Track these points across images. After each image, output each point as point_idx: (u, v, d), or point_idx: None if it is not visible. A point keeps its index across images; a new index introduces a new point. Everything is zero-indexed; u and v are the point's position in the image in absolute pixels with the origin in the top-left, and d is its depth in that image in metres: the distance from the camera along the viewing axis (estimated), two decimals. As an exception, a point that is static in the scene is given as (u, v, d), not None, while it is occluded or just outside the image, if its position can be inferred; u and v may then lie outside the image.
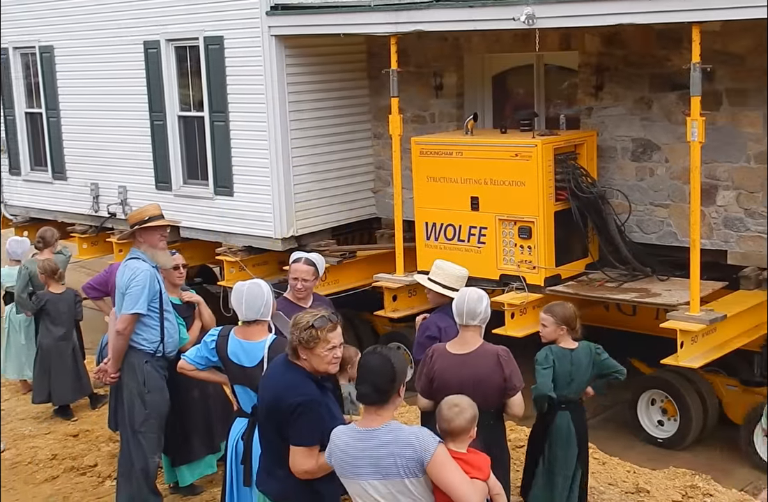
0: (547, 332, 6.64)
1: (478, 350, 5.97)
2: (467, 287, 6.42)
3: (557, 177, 9.13)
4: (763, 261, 8.93)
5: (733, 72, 8.79)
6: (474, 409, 4.99)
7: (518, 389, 5.94)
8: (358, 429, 4.61)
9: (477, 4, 8.88)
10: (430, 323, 6.80)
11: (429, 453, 4.43)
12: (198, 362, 6.23)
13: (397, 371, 4.57)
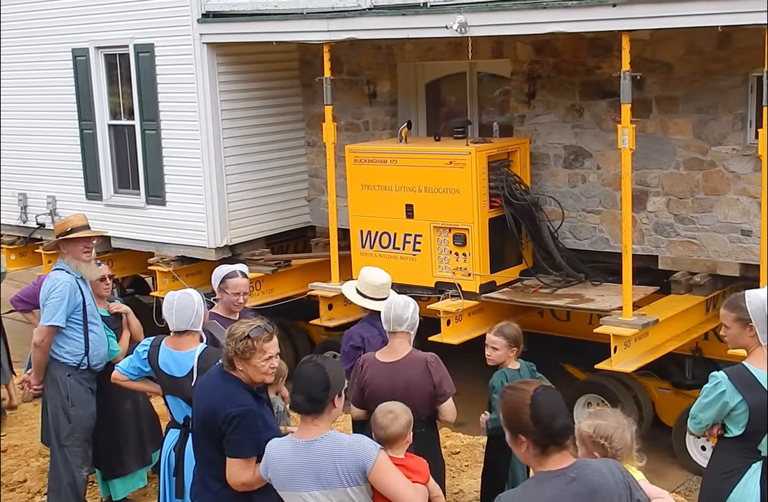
0: (498, 355, 6.52)
1: (407, 358, 5.97)
2: (397, 294, 6.42)
3: (491, 184, 9.18)
4: (694, 266, 9.06)
5: (662, 80, 8.93)
6: (408, 414, 5.00)
7: (449, 395, 5.94)
8: (295, 441, 4.56)
9: (410, 13, 8.91)
10: (354, 332, 6.82)
11: (371, 461, 4.40)
12: (131, 372, 6.17)
13: (332, 380, 4.52)
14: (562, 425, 3.66)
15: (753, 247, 8.58)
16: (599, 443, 4.27)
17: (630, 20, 7.76)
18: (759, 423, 4.87)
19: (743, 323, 4.91)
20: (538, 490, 3.63)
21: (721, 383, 4.87)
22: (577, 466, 3.70)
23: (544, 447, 3.66)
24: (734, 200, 8.75)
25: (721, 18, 7.36)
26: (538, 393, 3.69)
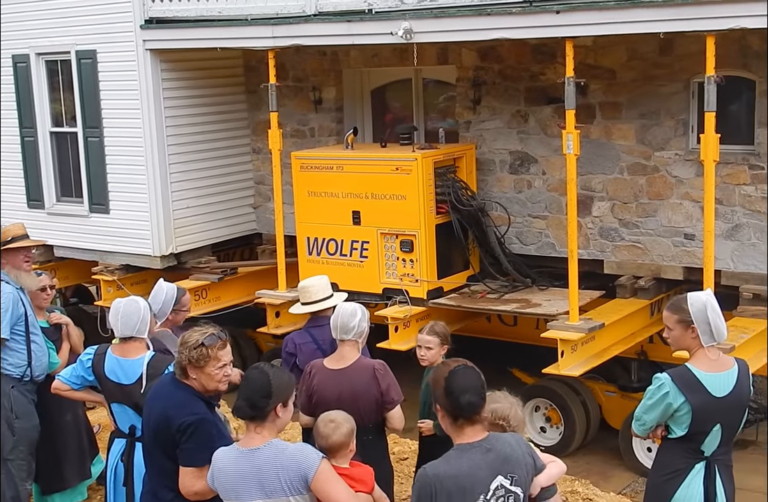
0: (433, 354, 6.50)
1: (355, 365, 5.96)
2: (346, 302, 6.41)
3: (437, 190, 9.20)
4: (638, 270, 9.16)
5: (605, 86, 9.02)
6: (351, 423, 4.98)
7: (396, 402, 5.93)
8: (239, 449, 4.52)
9: (355, 19, 8.91)
10: (288, 339, 6.87)
11: (312, 470, 4.38)
12: (73, 381, 6.07)
13: (274, 388, 4.48)
14: (466, 401, 4.11)
15: (696, 250, 8.69)
16: (498, 424, 4.66)
17: (573, 27, 7.84)
18: (701, 424, 4.92)
19: (685, 325, 4.97)
20: (460, 460, 4.11)
21: (664, 384, 4.92)
22: (491, 439, 4.20)
23: (454, 418, 4.16)
24: (677, 205, 8.86)
25: (663, 25, 7.47)
26: (455, 370, 4.20)
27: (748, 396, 5.11)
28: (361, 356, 6.05)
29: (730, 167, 8.50)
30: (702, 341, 4.96)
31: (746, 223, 8.57)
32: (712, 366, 4.96)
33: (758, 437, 9.70)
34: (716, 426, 4.94)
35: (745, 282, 8.61)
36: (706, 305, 4.95)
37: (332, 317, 6.08)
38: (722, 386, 4.94)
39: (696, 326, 4.94)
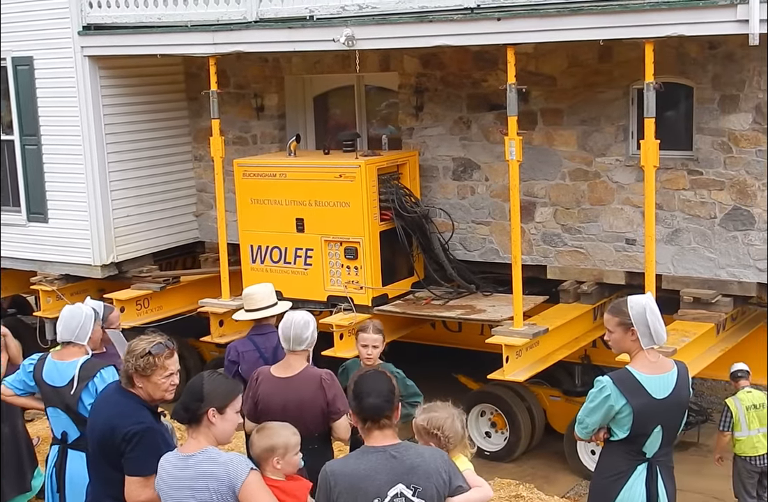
0: (378, 352, 6.55)
1: (302, 374, 5.91)
2: (294, 311, 6.35)
3: (381, 197, 9.20)
4: (581, 275, 9.23)
5: (546, 92, 9.09)
6: (275, 439, 4.87)
7: (342, 412, 5.87)
8: (178, 455, 4.52)
9: (296, 26, 8.88)
10: (231, 347, 6.83)
11: (240, 480, 4.34)
12: (16, 386, 6.08)
13: (207, 392, 4.45)
14: (369, 403, 4.15)
15: (637, 255, 8.78)
16: (433, 433, 4.61)
17: (514, 34, 7.89)
18: (643, 426, 4.96)
19: (626, 328, 5.00)
20: (359, 461, 4.13)
21: (606, 387, 4.94)
22: (401, 446, 4.17)
23: (363, 421, 4.18)
24: (618, 210, 8.94)
25: (602, 32, 7.55)
26: (367, 373, 4.25)
27: (688, 398, 5.17)
28: (308, 365, 6.00)
29: (669, 173, 8.61)
30: (642, 344, 5.00)
31: (686, 227, 8.68)
32: (653, 368, 5.01)
33: (699, 439, 9.83)
34: (657, 428, 4.98)
35: (685, 286, 8.72)
36: (646, 308, 5.00)
37: (283, 329, 5.95)
38: (662, 387, 4.98)
39: (636, 329, 4.97)
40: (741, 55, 8.12)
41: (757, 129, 8.21)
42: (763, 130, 8.19)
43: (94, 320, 6.00)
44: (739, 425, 8.02)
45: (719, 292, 8.60)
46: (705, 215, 8.58)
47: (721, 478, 9.22)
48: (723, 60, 8.27)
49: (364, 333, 6.60)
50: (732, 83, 8.26)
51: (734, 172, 8.38)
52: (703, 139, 8.49)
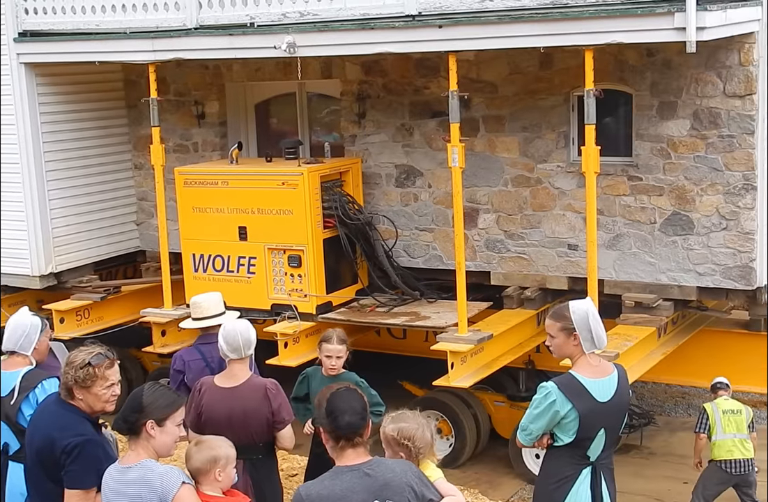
0: (342, 362, 6.53)
1: (247, 383, 5.86)
2: (233, 321, 6.30)
3: (324, 204, 9.18)
4: (524, 280, 9.28)
5: (488, 99, 9.14)
6: (216, 451, 4.80)
7: (287, 422, 5.85)
8: (118, 467, 4.49)
9: (237, 33, 8.83)
10: (177, 356, 6.77)
11: (170, 494, 4.31)
12: None
13: (146, 404, 4.42)
14: (345, 421, 4.09)
15: (580, 260, 8.85)
16: (404, 444, 4.59)
17: (455, 41, 7.93)
18: (588, 429, 5.00)
19: (568, 333, 5.03)
20: (334, 482, 4.05)
21: (551, 392, 4.97)
22: (373, 463, 4.12)
23: (336, 440, 4.11)
24: (560, 216, 9.01)
25: (543, 39, 7.61)
26: (339, 391, 4.19)
27: (629, 400, 5.24)
28: (252, 375, 5.96)
29: (610, 179, 8.71)
30: (584, 348, 5.04)
31: (627, 232, 8.78)
32: (595, 372, 5.05)
33: (642, 442, 9.94)
34: (601, 431, 5.02)
35: (627, 290, 8.81)
36: (588, 313, 5.04)
37: (229, 338, 5.86)
38: (605, 391, 5.02)
39: (578, 334, 5.01)
40: (678, 62, 8.25)
41: (695, 135, 8.34)
42: (700, 136, 8.32)
43: (40, 330, 5.89)
44: (715, 428, 8.13)
45: (660, 296, 8.71)
46: (645, 220, 8.68)
47: (662, 479, 9.34)
48: (661, 67, 8.39)
49: (328, 344, 6.54)
50: (670, 90, 8.38)
51: (673, 177, 8.50)
52: (643, 145, 8.59)
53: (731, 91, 8.12)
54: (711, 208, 8.39)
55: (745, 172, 8.22)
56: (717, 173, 8.32)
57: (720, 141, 8.25)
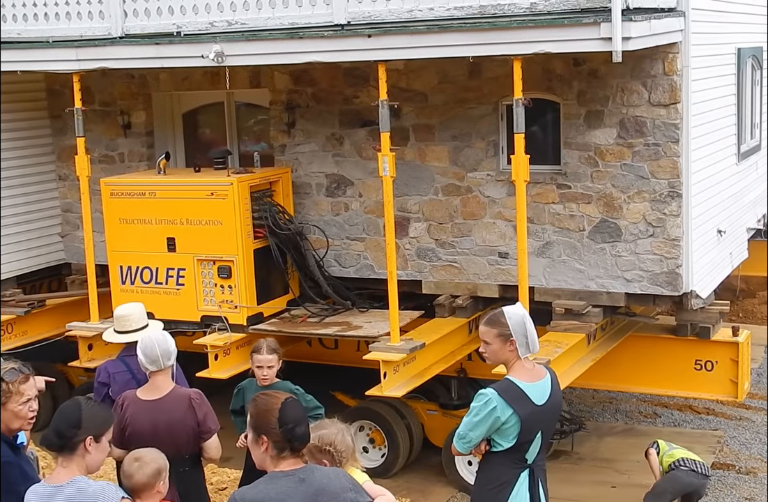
0: (274, 372, 6.52)
1: (170, 395, 5.81)
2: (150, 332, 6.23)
3: (254, 215, 9.11)
4: (456, 289, 9.31)
5: (417, 109, 9.17)
6: (158, 463, 4.81)
7: (213, 431, 5.81)
8: (44, 485, 4.37)
9: (164, 42, 8.75)
10: (102, 368, 6.67)
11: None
12: None
13: (84, 419, 4.33)
14: (302, 432, 4.08)
15: (510, 268, 8.92)
16: (326, 450, 4.62)
17: (385, 51, 7.95)
18: (528, 433, 5.04)
19: (505, 339, 5.06)
20: (269, 487, 4.00)
21: (491, 399, 4.99)
22: (307, 469, 4.11)
23: (281, 450, 4.05)
24: (491, 224, 9.07)
25: (472, 49, 7.66)
26: (287, 402, 4.14)
27: (561, 402, 5.30)
28: (176, 386, 5.91)
29: (539, 187, 8.79)
30: (519, 353, 5.07)
31: (556, 240, 8.87)
32: (531, 376, 5.10)
33: (573, 448, 10.03)
34: (538, 433, 5.07)
35: (557, 298, 8.90)
36: (523, 318, 5.10)
37: (147, 350, 5.81)
38: (541, 394, 5.08)
39: (515, 339, 5.04)
40: (605, 71, 8.38)
41: (622, 144, 8.48)
42: (627, 145, 8.45)
43: None
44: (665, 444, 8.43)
45: (589, 303, 8.82)
46: (574, 228, 8.78)
47: (591, 485, 9.45)
48: (588, 77, 8.51)
49: (258, 354, 6.53)
50: (597, 99, 8.51)
51: (601, 185, 8.62)
52: (571, 153, 8.70)
53: (656, 100, 8.28)
54: (638, 215, 8.52)
55: (671, 179, 8.37)
56: (643, 181, 8.46)
57: (646, 149, 8.39)
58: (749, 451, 10.36)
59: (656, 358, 9.54)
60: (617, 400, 11.83)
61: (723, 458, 10.14)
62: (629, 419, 11.36)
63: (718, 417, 11.32)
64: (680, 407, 11.46)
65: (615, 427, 11.11)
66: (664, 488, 8.27)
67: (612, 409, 11.63)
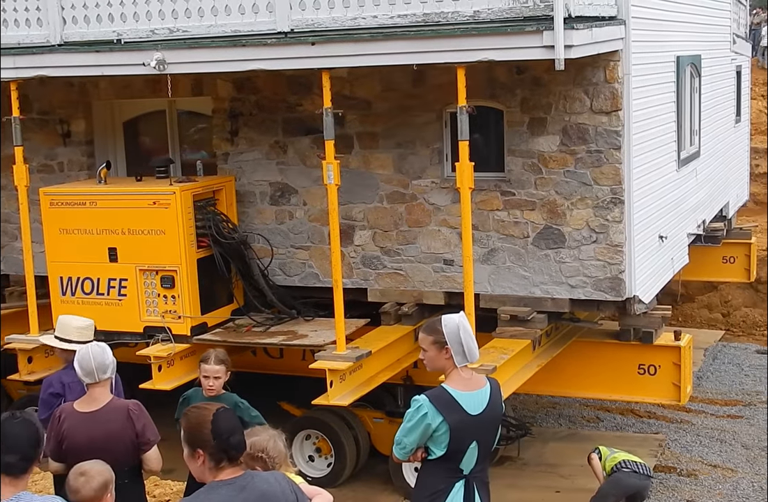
0: (221, 382, 6.47)
1: (108, 406, 5.73)
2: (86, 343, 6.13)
3: (198, 224, 9.04)
4: (401, 296, 9.31)
5: (362, 116, 9.17)
6: (104, 475, 4.75)
7: (153, 443, 5.74)
8: None
9: (104, 50, 8.64)
10: (54, 378, 6.55)
11: None
12: None
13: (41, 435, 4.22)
14: (237, 440, 4.05)
15: (456, 275, 8.94)
16: (258, 457, 4.63)
17: (328, 58, 7.93)
18: (459, 442, 5.02)
19: (440, 346, 5.05)
20: (210, 496, 3.97)
21: (422, 405, 4.97)
22: (246, 476, 4.08)
23: (218, 461, 4.01)
24: (436, 231, 9.09)
25: (415, 57, 7.68)
26: (219, 412, 4.09)
27: (501, 413, 5.26)
28: (114, 397, 5.83)
29: (483, 194, 8.84)
30: (455, 361, 5.05)
31: (501, 247, 8.91)
32: (467, 385, 5.07)
33: (520, 453, 10.08)
34: (473, 444, 5.04)
35: (502, 304, 8.94)
36: (459, 326, 5.07)
37: (83, 363, 5.71)
38: (477, 404, 5.04)
39: (450, 347, 5.02)
40: (547, 79, 8.45)
41: (565, 151, 8.55)
42: (570, 152, 8.52)
43: None
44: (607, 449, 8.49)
45: (534, 309, 8.88)
46: (518, 235, 8.83)
47: (536, 489, 9.52)
48: (530, 84, 8.58)
49: (206, 364, 6.47)
50: (539, 107, 8.58)
51: (544, 192, 8.68)
52: (515, 161, 8.76)
53: (598, 107, 8.37)
54: (581, 221, 8.60)
55: (613, 186, 8.46)
56: (586, 188, 8.54)
57: (588, 156, 8.47)
58: (690, 453, 10.51)
59: (600, 363, 9.63)
60: (560, 405, 11.93)
61: (664, 460, 10.28)
62: (572, 424, 11.47)
63: (660, 420, 11.48)
64: (622, 411, 11.59)
65: (559, 432, 11.20)
66: (608, 491, 8.34)
67: (555, 414, 11.73)
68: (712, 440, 10.89)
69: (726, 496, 9.51)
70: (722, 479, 9.89)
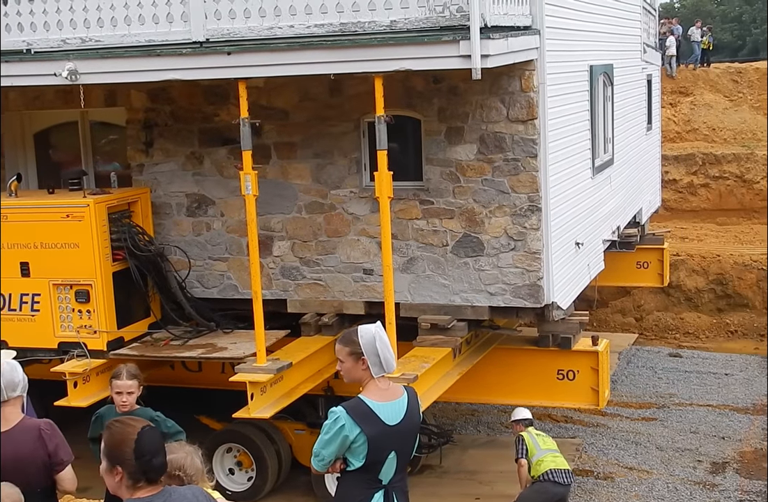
0: (134, 397, 6.34)
1: (18, 427, 5.52)
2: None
3: (113, 236, 8.90)
4: (321, 307, 9.26)
5: (279, 126, 9.12)
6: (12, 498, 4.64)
7: (66, 463, 5.56)
8: None
9: (13, 59, 8.45)
10: None
11: None
12: None
13: None
14: (160, 463, 3.96)
15: (376, 285, 8.93)
16: (175, 475, 4.54)
17: (245, 68, 7.87)
18: (377, 453, 4.99)
19: (356, 357, 5.02)
20: None
21: (340, 417, 4.93)
22: (165, 492, 3.98)
23: (136, 481, 3.92)
24: (355, 241, 9.07)
25: (333, 66, 7.66)
26: (144, 431, 3.95)
27: (419, 423, 5.26)
28: (25, 417, 5.64)
29: (402, 203, 8.85)
30: (372, 372, 5.02)
31: (420, 256, 8.93)
32: (384, 396, 5.04)
33: (442, 461, 10.10)
34: (391, 454, 5.02)
35: (423, 313, 8.96)
36: (375, 337, 5.04)
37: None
38: (394, 414, 5.01)
39: (366, 358, 4.99)
40: (464, 88, 8.51)
41: (482, 159, 8.61)
42: (487, 160, 8.58)
43: None
44: (534, 448, 8.47)
45: (454, 317, 8.91)
46: (438, 243, 8.86)
47: (456, 497, 9.56)
48: (447, 94, 8.62)
49: (118, 380, 6.33)
50: (456, 116, 8.62)
51: (463, 201, 8.73)
52: (433, 169, 8.79)
53: (514, 116, 8.45)
54: (499, 229, 8.66)
55: (530, 194, 8.54)
56: (504, 196, 8.61)
57: (505, 164, 8.54)
58: (606, 456, 10.67)
59: (520, 369, 9.71)
60: (479, 412, 12.00)
61: (582, 464, 10.41)
62: (491, 431, 11.54)
63: (576, 425, 11.63)
64: (539, 416, 11.70)
65: (478, 439, 11.26)
66: (530, 498, 8.40)
67: (474, 421, 11.79)
68: (628, 443, 11.07)
69: (642, 497, 9.67)
70: (638, 480, 10.06)
